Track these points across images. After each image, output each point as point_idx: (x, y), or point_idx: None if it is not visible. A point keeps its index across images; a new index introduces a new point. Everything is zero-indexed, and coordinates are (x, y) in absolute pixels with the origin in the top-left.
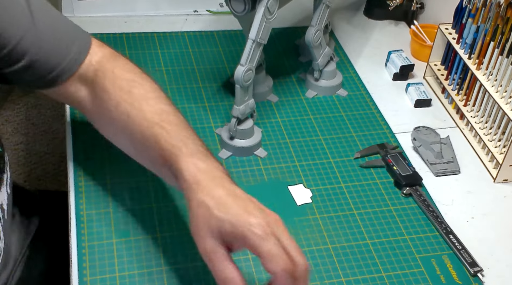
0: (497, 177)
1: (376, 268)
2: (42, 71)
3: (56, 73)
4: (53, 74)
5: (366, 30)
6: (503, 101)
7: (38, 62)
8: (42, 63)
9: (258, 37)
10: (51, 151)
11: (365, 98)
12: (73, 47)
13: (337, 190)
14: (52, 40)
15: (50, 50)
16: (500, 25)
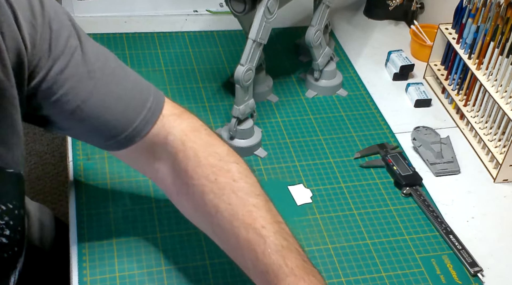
0: (497, 177)
1: (376, 268)
2: (108, 133)
3: (125, 135)
4: (122, 136)
5: (366, 30)
6: (503, 101)
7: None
8: (109, 126)
9: (258, 37)
10: (51, 151)
11: (365, 98)
12: (144, 108)
13: (337, 190)
14: (119, 104)
15: (118, 113)
16: (500, 25)
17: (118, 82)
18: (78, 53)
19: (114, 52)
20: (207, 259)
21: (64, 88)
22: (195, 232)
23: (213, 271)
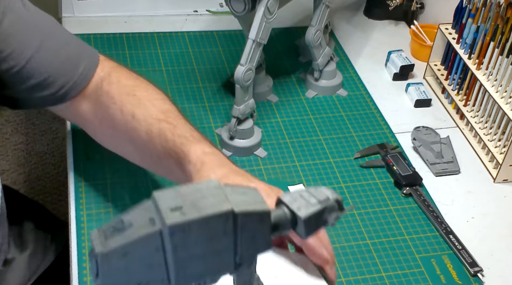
0: (497, 177)
1: (376, 268)
2: (52, 89)
3: (66, 90)
4: (63, 91)
5: (366, 30)
6: (503, 101)
7: (47, 80)
8: (51, 81)
9: (258, 37)
10: (51, 151)
11: (365, 98)
12: (81, 65)
13: (337, 190)
14: (61, 59)
15: (59, 68)
16: (500, 25)
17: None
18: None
19: (114, 52)
20: None
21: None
22: None
23: None
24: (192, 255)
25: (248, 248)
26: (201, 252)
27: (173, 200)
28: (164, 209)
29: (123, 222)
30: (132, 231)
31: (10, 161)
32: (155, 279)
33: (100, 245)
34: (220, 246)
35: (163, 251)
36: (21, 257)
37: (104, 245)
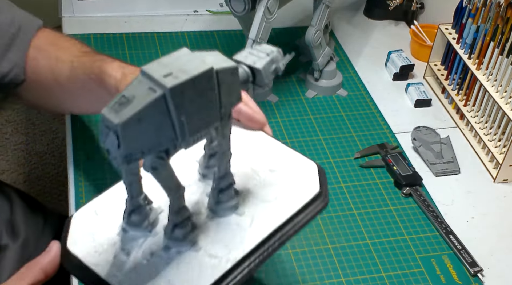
0: (497, 177)
1: (376, 268)
2: None
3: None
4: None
5: (366, 30)
6: (503, 101)
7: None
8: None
9: (258, 37)
10: (51, 151)
11: (365, 98)
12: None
13: (337, 190)
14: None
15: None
16: (500, 25)
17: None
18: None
19: (114, 52)
20: None
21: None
22: None
23: None
24: (189, 113)
25: (227, 100)
26: (195, 108)
27: (162, 69)
28: (158, 77)
29: (125, 97)
30: (138, 101)
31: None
32: (165, 140)
33: (116, 118)
34: (208, 101)
35: (168, 113)
36: (14, 245)
37: (119, 116)
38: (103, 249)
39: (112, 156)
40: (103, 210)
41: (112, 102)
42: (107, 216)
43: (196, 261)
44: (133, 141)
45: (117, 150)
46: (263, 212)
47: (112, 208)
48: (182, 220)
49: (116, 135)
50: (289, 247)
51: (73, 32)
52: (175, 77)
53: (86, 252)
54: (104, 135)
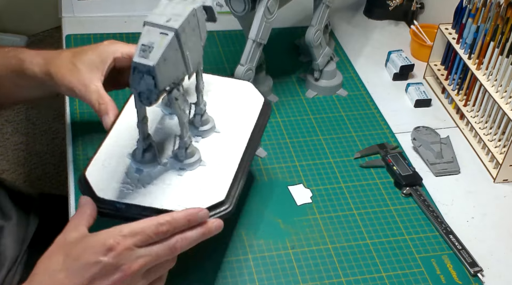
0: (497, 177)
1: (376, 268)
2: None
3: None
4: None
5: (366, 30)
6: (503, 101)
7: None
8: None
9: (258, 37)
10: (51, 151)
11: (365, 98)
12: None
13: (337, 190)
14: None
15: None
16: (500, 25)
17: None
18: None
19: None
20: (207, 259)
21: None
22: None
23: (213, 271)
24: (190, 47)
25: (203, 34)
26: (192, 43)
27: (161, 18)
28: (163, 23)
29: (145, 45)
30: (157, 45)
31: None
32: (180, 73)
33: (149, 61)
34: (197, 36)
35: (180, 49)
36: (9, 225)
37: (151, 60)
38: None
39: (144, 96)
40: (107, 161)
41: (137, 52)
42: (114, 164)
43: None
44: (164, 78)
45: (153, 89)
46: (232, 130)
47: (114, 158)
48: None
49: (152, 76)
50: (289, 247)
51: (73, 32)
52: (175, 20)
53: (116, 194)
54: (137, 82)
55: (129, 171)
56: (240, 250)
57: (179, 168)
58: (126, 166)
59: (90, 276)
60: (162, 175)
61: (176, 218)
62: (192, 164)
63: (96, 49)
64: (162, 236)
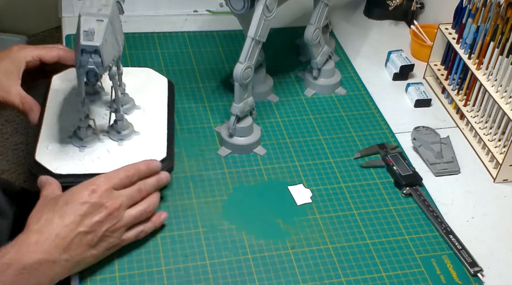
0: (497, 177)
1: (376, 268)
2: None
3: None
4: None
5: (366, 30)
6: (503, 101)
7: None
8: None
9: (257, 35)
10: None
11: (365, 98)
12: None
13: (337, 190)
14: None
15: None
16: (500, 25)
17: None
18: None
19: None
20: (207, 259)
21: None
22: (195, 231)
23: (213, 271)
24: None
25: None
26: (118, 27)
27: (92, 8)
28: (96, 12)
29: (87, 31)
30: (98, 30)
31: (10, 161)
32: (116, 52)
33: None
34: (119, 22)
35: (113, 32)
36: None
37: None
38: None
39: (92, 74)
40: (50, 146)
41: (82, 37)
42: (58, 147)
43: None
44: (107, 56)
45: (101, 66)
46: (150, 105)
47: (55, 142)
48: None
49: (98, 55)
50: (289, 247)
51: (73, 32)
52: (105, 9)
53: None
54: (85, 61)
55: (74, 150)
56: (240, 250)
57: (118, 139)
58: (69, 146)
59: (80, 213)
60: (104, 147)
61: (138, 165)
62: (129, 134)
63: (8, 57)
64: (130, 179)
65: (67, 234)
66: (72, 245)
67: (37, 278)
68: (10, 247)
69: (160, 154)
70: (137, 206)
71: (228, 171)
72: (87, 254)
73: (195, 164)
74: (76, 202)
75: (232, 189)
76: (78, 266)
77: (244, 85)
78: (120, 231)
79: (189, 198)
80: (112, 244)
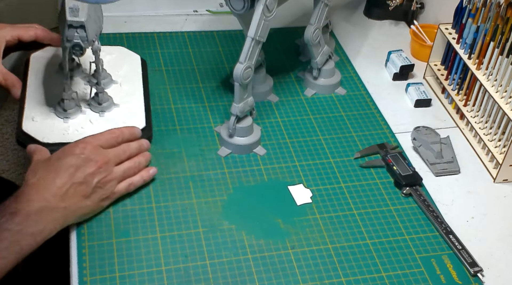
0: (497, 177)
1: (376, 268)
2: None
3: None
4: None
5: (366, 30)
6: (503, 101)
7: None
8: None
9: (257, 35)
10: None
11: (365, 98)
12: None
13: (337, 190)
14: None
15: None
16: (500, 25)
17: None
18: None
19: None
20: (207, 259)
21: None
22: (195, 231)
23: (213, 271)
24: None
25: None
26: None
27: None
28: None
29: (72, 8)
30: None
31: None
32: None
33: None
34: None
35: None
36: None
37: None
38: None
39: (77, 48)
40: (36, 118)
41: (68, 14)
42: (43, 118)
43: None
44: (91, 30)
45: (86, 40)
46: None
47: (40, 114)
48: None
49: (83, 29)
50: (289, 247)
51: None
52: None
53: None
54: (72, 35)
55: (58, 121)
56: (240, 250)
57: (100, 111)
58: (53, 118)
59: (73, 165)
60: (86, 118)
61: (122, 129)
62: (109, 105)
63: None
64: (116, 140)
65: (62, 184)
66: (68, 194)
67: (42, 223)
68: (13, 199)
69: (140, 123)
70: (125, 163)
71: (228, 171)
72: (82, 204)
73: (195, 164)
74: (68, 157)
75: (232, 189)
76: (75, 215)
77: (244, 85)
78: (111, 184)
79: (189, 198)
80: (105, 195)
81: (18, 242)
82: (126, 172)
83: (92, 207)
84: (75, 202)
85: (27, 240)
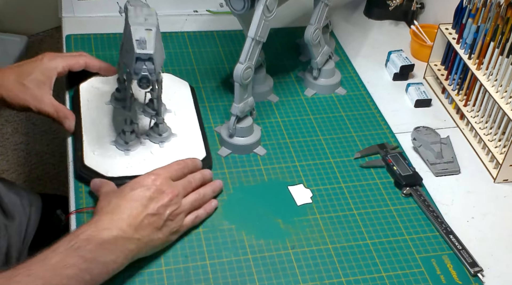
0: (497, 177)
1: (376, 268)
2: None
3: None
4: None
5: (366, 30)
6: (503, 101)
7: None
8: None
9: (257, 35)
10: (51, 151)
11: (365, 98)
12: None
13: (337, 190)
14: None
15: None
16: (500, 25)
17: None
18: None
19: (114, 52)
20: (207, 259)
21: None
22: (195, 232)
23: (213, 271)
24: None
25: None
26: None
27: (139, 18)
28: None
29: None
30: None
31: (10, 161)
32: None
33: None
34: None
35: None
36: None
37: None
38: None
39: (145, 81)
40: (96, 151)
41: (135, 46)
42: (103, 152)
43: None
44: (158, 63)
45: (153, 72)
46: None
47: (99, 148)
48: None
49: (151, 62)
50: (289, 247)
51: (73, 32)
52: (152, 18)
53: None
54: (140, 68)
55: (119, 153)
56: (240, 250)
57: (159, 142)
58: (114, 150)
59: (146, 197)
60: (147, 150)
61: (185, 160)
62: (168, 136)
63: (39, 67)
64: (182, 171)
65: (137, 215)
66: (142, 225)
67: (115, 253)
68: (87, 226)
69: (200, 154)
70: (191, 195)
71: (228, 171)
72: (154, 236)
73: None
74: (141, 187)
75: (232, 189)
76: (147, 247)
77: (244, 85)
78: (181, 217)
79: None
80: (175, 228)
81: (90, 270)
82: (193, 204)
83: (162, 240)
84: (148, 233)
85: (100, 268)
